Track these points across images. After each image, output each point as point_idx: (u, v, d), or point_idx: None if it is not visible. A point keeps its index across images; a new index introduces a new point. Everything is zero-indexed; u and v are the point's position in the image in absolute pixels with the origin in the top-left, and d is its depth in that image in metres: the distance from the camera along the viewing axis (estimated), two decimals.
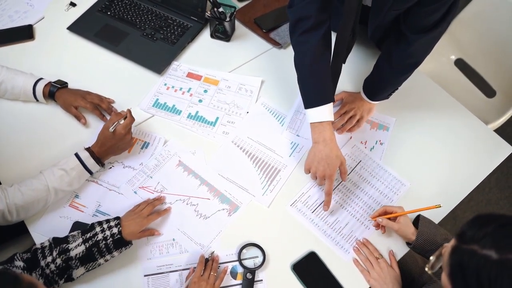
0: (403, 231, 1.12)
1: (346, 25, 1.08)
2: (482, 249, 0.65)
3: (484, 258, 0.64)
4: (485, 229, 0.67)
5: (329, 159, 1.14)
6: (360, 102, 1.33)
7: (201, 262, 1.09)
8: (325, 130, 1.16)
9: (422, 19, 1.04)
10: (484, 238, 0.66)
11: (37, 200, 1.08)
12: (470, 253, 0.67)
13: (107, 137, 1.16)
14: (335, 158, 1.15)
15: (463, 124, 1.38)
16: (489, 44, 1.70)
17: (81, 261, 1.00)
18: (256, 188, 1.24)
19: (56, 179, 1.10)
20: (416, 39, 1.10)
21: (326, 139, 1.15)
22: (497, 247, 0.64)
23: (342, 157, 1.17)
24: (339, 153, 1.17)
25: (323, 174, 1.15)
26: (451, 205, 1.24)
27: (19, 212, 1.07)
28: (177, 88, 1.41)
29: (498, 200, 2.13)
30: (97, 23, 1.52)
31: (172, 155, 1.27)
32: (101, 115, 1.31)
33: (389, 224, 1.13)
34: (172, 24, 1.52)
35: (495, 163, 1.32)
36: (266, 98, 1.40)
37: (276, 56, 1.49)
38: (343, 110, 1.35)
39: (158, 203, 1.18)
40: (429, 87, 1.46)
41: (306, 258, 1.13)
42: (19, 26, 1.50)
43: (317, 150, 1.16)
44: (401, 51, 1.16)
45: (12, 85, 1.28)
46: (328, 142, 1.15)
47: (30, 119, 1.32)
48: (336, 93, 1.39)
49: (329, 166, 1.14)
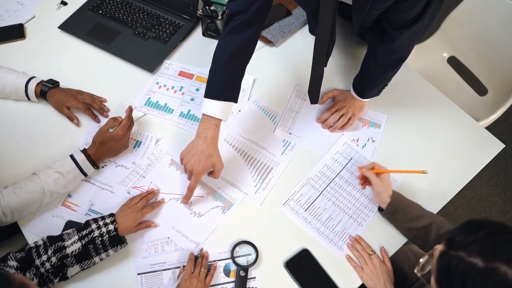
0: (379, 188, 1.14)
1: (323, 29, 1.08)
2: (469, 256, 0.67)
3: (471, 266, 0.66)
4: (473, 236, 0.68)
5: (202, 156, 1.11)
6: (351, 100, 1.34)
7: (191, 259, 1.09)
8: (211, 128, 1.12)
9: (401, 14, 1.05)
10: (472, 245, 0.67)
11: (32, 202, 1.08)
12: (457, 259, 0.68)
13: (104, 139, 1.16)
14: (207, 157, 1.11)
15: (454, 121, 1.39)
16: (482, 42, 1.71)
17: (77, 259, 1.01)
18: (249, 186, 1.24)
19: (52, 181, 1.10)
20: (399, 34, 1.10)
21: (207, 137, 1.12)
22: (484, 255, 0.66)
23: (216, 160, 1.13)
24: (214, 155, 1.12)
25: (191, 169, 1.11)
26: (442, 201, 1.24)
27: (13, 214, 1.07)
28: (169, 87, 1.40)
29: (489, 197, 2.14)
30: (88, 22, 1.51)
31: (164, 154, 1.27)
32: (93, 115, 1.31)
33: (370, 175, 1.15)
34: (163, 23, 1.52)
35: (486, 160, 1.32)
36: (258, 96, 1.40)
37: (268, 54, 1.49)
38: (334, 108, 1.35)
39: (152, 196, 1.18)
40: (421, 84, 1.47)
41: (299, 255, 1.14)
42: (10, 25, 1.49)
43: (195, 143, 1.12)
44: (385, 48, 1.16)
45: (4, 83, 1.27)
46: (208, 140, 1.12)
47: (22, 118, 1.31)
48: (327, 91, 1.40)
49: (199, 163, 1.10)
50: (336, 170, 1.28)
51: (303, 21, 1.53)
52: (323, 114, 1.36)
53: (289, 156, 1.29)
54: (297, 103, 1.39)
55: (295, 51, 1.49)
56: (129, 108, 1.20)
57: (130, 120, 1.20)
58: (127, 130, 1.19)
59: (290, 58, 1.48)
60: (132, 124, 1.22)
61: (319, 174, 1.27)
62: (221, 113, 1.12)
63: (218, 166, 1.14)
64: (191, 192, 1.15)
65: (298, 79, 1.42)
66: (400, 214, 1.12)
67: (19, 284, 0.69)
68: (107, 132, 1.16)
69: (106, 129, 1.17)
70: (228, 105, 1.13)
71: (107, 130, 1.16)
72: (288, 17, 1.54)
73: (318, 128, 1.35)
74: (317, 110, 1.39)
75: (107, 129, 1.17)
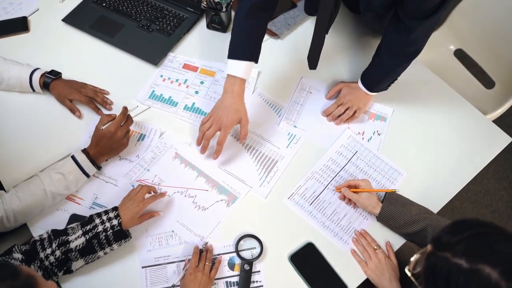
0: (362, 204, 1.16)
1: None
2: (454, 257, 0.66)
3: (455, 266, 0.66)
4: (459, 236, 0.68)
5: (230, 110, 1.17)
6: (357, 93, 1.33)
7: (196, 253, 1.09)
8: (236, 83, 1.18)
9: (420, 3, 1.04)
10: (457, 246, 0.67)
11: (35, 205, 1.07)
12: (442, 259, 0.68)
13: (98, 137, 1.15)
14: (235, 111, 1.17)
15: (461, 114, 1.38)
16: (489, 35, 1.69)
17: (81, 253, 1.00)
18: (254, 180, 1.23)
19: (53, 182, 1.09)
20: (416, 25, 1.09)
21: (234, 92, 1.17)
22: (468, 256, 0.65)
23: (243, 114, 1.19)
24: (241, 109, 1.19)
25: (219, 122, 1.17)
26: (449, 195, 1.23)
27: (17, 218, 1.06)
28: (173, 80, 1.40)
29: (496, 191, 2.13)
30: (92, 15, 1.51)
31: (169, 148, 1.27)
32: (96, 108, 1.30)
33: (350, 195, 1.17)
34: (168, 15, 1.51)
35: (493, 153, 1.31)
36: (262, 89, 1.39)
37: (273, 47, 1.48)
38: (340, 101, 1.34)
39: (154, 188, 1.16)
40: (427, 77, 1.45)
41: (304, 249, 1.13)
42: (14, 18, 1.48)
43: (223, 99, 1.19)
44: (402, 39, 1.16)
45: (8, 75, 1.27)
46: (235, 95, 1.17)
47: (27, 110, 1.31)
48: (333, 85, 1.38)
49: (227, 117, 1.16)
50: (341, 164, 1.27)
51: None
52: (328, 107, 1.35)
53: (294, 149, 1.29)
54: (302, 96, 1.38)
55: (300, 43, 1.48)
56: (123, 107, 1.18)
57: (125, 118, 1.17)
58: (122, 128, 1.16)
59: (295, 50, 1.46)
60: (130, 122, 1.19)
61: (324, 167, 1.26)
62: (242, 72, 1.17)
63: (244, 120, 1.20)
64: (220, 146, 1.19)
65: (303, 71, 1.41)
66: (392, 221, 1.13)
67: (26, 275, 0.69)
68: (100, 129, 1.15)
69: (99, 126, 1.15)
70: (249, 65, 1.17)
71: (100, 128, 1.15)
72: (293, 9, 1.53)
73: (323, 121, 1.34)
74: (322, 103, 1.37)
75: (100, 127, 1.15)
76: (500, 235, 0.68)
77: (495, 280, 0.62)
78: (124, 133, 1.17)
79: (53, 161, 1.18)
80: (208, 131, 1.19)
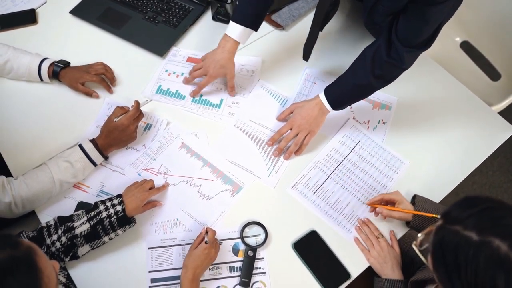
0: (398, 217, 1.13)
1: None
2: (464, 230, 0.67)
3: (465, 239, 0.66)
4: (470, 211, 0.69)
5: (217, 64, 1.26)
6: (310, 114, 1.23)
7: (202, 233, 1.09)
8: (229, 43, 1.25)
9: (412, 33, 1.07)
10: (468, 219, 0.68)
11: (42, 192, 1.09)
12: (452, 232, 0.68)
13: (110, 128, 1.17)
14: (221, 66, 1.26)
15: (467, 105, 1.38)
16: (496, 27, 1.68)
17: (86, 238, 1.03)
18: (262, 170, 1.24)
19: (61, 171, 1.11)
20: (407, 52, 1.09)
21: (225, 48, 1.26)
22: (479, 229, 0.66)
23: (228, 71, 1.28)
24: (228, 66, 1.27)
25: (206, 71, 1.28)
26: (452, 185, 1.24)
27: (25, 204, 1.09)
28: (179, 74, 1.41)
29: (501, 183, 2.12)
30: (99, 7, 1.52)
31: (175, 137, 1.28)
32: (108, 86, 1.34)
33: (385, 213, 1.12)
34: (173, 7, 1.52)
35: (498, 144, 1.31)
36: (267, 80, 1.40)
37: (277, 39, 1.48)
38: (290, 125, 1.24)
39: (155, 186, 1.18)
40: (433, 68, 1.45)
41: (307, 237, 1.15)
42: (22, 10, 1.50)
43: (215, 51, 1.28)
44: (391, 62, 1.12)
45: (18, 64, 1.29)
46: (225, 51, 1.26)
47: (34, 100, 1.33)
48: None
49: (213, 68, 1.26)
50: (344, 153, 1.28)
51: (313, 4, 1.52)
52: (274, 134, 1.27)
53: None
54: (306, 87, 1.39)
55: (305, 35, 1.47)
56: (136, 101, 1.20)
57: (138, 112, 1.20)
58: (134, 121, 1.18)
59: (300, 42, 1.46)
60: (141, 117, 1.21)
61: (327, 157, 1.27)
62: (237, 35, 1.24)
63: (230, 75, 1.30)
64: (199, 89, 1.32)
65: (307, 63, 1.41)
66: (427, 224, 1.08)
67: (27, 247, 0.70)
68: (113, 121, 1.17)
69: (113, 118, 1.18)
70: (247, 31, 1.24)
71: (113, 119, 1.17)
72: (298, 0, 1.53)
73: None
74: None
75: (113, 119, 1.18)
76: (511, 210, 0.68)
77: (504, 252, 0.63)
78: (135, 127, 1.20)
79: (61, 150, 1.20)
80: (196, 72, 1.31)
